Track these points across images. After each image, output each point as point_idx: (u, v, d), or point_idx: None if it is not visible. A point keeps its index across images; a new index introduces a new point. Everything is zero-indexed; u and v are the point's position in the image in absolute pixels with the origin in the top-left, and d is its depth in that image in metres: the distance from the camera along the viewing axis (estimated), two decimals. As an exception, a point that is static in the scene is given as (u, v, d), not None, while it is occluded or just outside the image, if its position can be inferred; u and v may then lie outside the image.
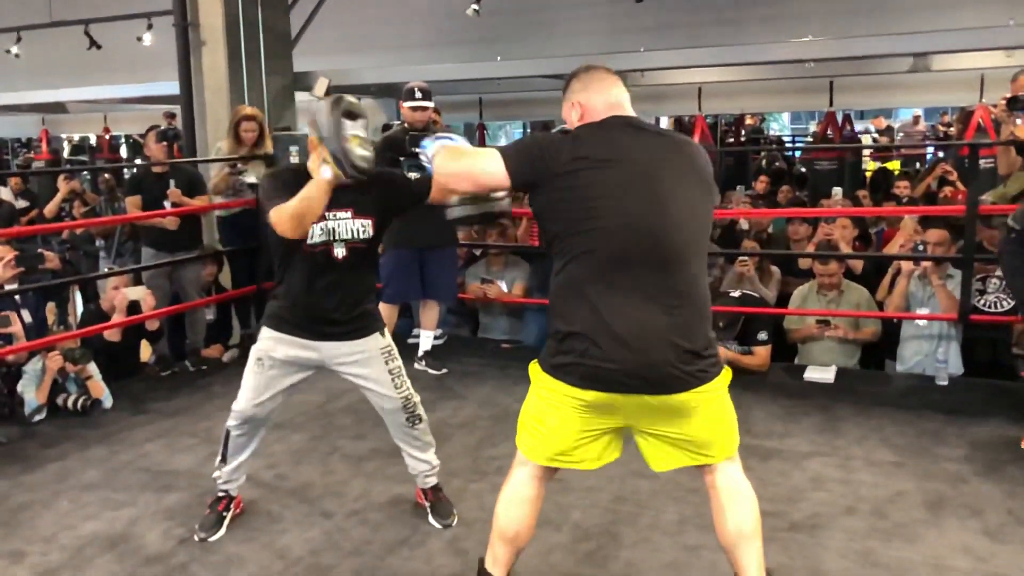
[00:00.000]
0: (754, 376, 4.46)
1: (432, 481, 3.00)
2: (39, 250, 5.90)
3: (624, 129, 2.13)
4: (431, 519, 2.94)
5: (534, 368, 2.18)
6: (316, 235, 2.68)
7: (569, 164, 2.06)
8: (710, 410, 2.12)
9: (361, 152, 2.47)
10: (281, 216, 2.54)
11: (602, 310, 2.02)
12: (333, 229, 2.70)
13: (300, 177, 2.60)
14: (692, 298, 2.06)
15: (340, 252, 2.72)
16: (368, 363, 2.82)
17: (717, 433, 2.16)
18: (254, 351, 2.82)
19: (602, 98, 2.18)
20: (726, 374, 2.14)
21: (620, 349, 2.00)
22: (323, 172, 2.48)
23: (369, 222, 2.74)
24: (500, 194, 2.45)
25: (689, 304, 2.05)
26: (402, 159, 4.17)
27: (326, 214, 2.66)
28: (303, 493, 3.23)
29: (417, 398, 2.90)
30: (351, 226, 2.72)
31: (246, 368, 2.84)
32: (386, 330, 2.90)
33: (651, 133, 2.18)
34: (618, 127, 2.13)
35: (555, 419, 2.14)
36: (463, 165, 2.22)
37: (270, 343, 2.79)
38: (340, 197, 2.64)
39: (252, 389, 2.81)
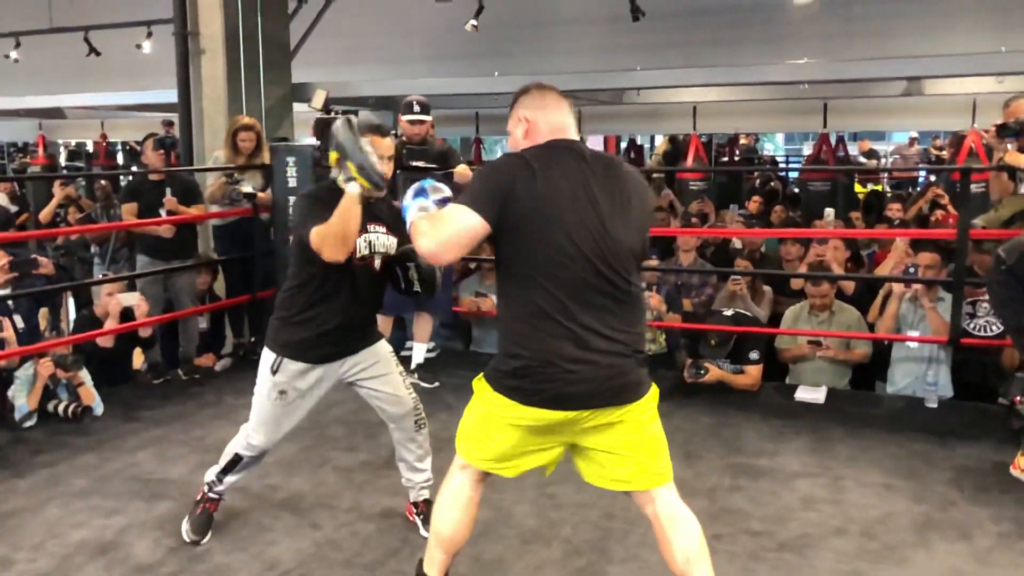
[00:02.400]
0: (745, 395, 4.48)
1: (425, 494, 3.01)
2: (33, 255, 5.88)
3: (568, 154, 2.14)
4: (422, 531, 2.94)
5: (481, 384, 2.20)
6: (361, 248, 2.70)
7: (519, 191, 2.07)
8: (638, 426, 2.16)
9: (381, 168, 2.54)
10: (324, 239, 2.52)
11: (558, 332, 2.06)
12: (373, 242, 2.74)
13: (335, 196, 2.55)
14: (636, 314, 2.16)
15: (378, 264, 2.78)
16: (381, 366, 2.87)
17: (643, 455, 2.17)
18: (275, 384, 2.74)
19: (550, 119, 2.20)
20: (654, 392, 2.20)
21: (580, 369, 2.05)
22: (351, 188, 2.51)
23: (395, 241, 2.79)
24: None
25: (632, 320, 2.14)
26: (398, 171, 4.19)
27: (367, 227, 2.70)
28: (294, 504, 3.23)
29: (421, 404, 2.96)
30: (385, 241, 2.77)
31: (264, 400, 2.77)
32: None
33: (593, 160, 2.18)
34: (561, 152, 2.14)
35: (500, 435, 2.19)
36: (447, 233, 2.08)
37: (295, 375, 2.74)
38: (377, 211, 2.72)
39: (274, 423, 2.79)
